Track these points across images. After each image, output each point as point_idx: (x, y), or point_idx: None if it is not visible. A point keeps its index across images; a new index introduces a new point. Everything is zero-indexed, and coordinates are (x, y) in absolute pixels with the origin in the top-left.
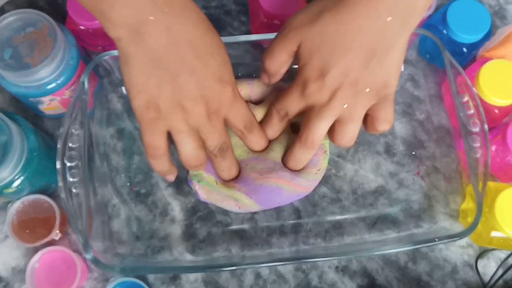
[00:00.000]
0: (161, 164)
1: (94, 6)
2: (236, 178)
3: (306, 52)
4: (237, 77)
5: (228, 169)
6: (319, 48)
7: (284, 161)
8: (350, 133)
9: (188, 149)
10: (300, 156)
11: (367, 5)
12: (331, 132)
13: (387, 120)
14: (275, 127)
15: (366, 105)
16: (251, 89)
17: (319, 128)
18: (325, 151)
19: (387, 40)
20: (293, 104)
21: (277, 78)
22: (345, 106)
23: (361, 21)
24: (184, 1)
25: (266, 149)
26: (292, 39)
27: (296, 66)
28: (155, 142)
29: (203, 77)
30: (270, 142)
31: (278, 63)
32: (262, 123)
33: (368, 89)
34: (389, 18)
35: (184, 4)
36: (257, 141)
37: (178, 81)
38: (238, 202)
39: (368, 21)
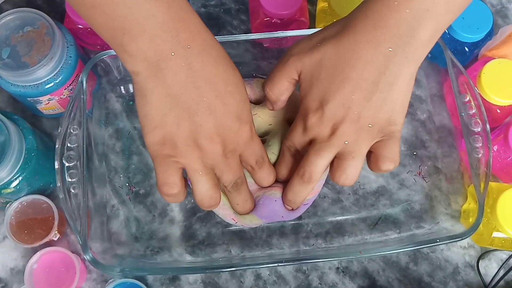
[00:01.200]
0: (177, 200)
1: (113, 38)
2: None
3: (307, 81)
4: None
5: (243, 203)
6: (318, 78)
7: (283, 196)
8: (350, 172)
9: (203, 189)
10: (298, 191)
11: (366, 34)
12: (331, 169)
13: (391, 159)
14: (289, 165)
15: (369, 142)
16: (251, 89)
17: (317, 165)
18: None
19: (390, 73)
20: (299, 139)
21: (279, 105)
22: (346, 143)
23: (360, 50)
24: (206, 38)
25: (267, 151)
26: (292, 67)
27: None
28: (170, 178)
29: (222, 117)
30: (271, 144)
31: (279, 91)
32: (277, 162)
33: (370, 125)
34: (390, 49)
35: (206, 41)
36: (265, 177)
37: (196, 120)
38: (236, 216)
39: (368, 51)
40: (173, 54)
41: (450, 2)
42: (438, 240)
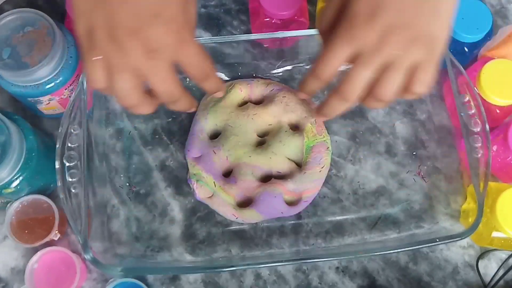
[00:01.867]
0: (126, 98)
1: None
2: (236, 183)
3: None
4: (237, 76)
5: (182, 108)
6: None
7: (316, 111)
8: (391, 85)
9: (119, 86)
10: (335, 106)
11: None
12: (371, 84)
13: (426, 83)
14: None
15: (414, 56)
16: (251, 89)
17: (361, 78)
18: (328, 148)
19: None
20: (338, 52)
21: (332, 74)
22: (393, 53)
23: None
24: None
25: (267, 151)
26: None
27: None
28: (93, 75)
29: (136, 8)
30: (271, 143)
31: (329, 18)
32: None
33: (418, 37)
34: None
35: None
36: (211, 89)
37: (111, 8)
38: (236, 212)
39: None
40: None
41: None
42: (437, 240)
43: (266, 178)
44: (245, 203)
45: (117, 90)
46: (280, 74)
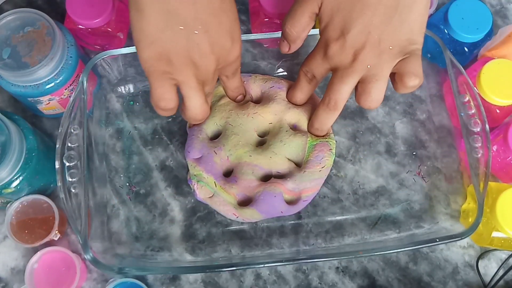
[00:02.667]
0: (171, 113)
1: None
2: (236, 183)
3: (327, 12)
4: None
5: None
6: (339, 8)
7: (308, 126)
8: (375, 94)
9: (197, 104)
10: (325, 118)
11: None
12: (356, 94)
13: (416, 74)
14: (305, 89)
15: (391, 64)
16: (247, 85)
17: (342, 92)
18: (331, 149)
19: None
20: (317, 66)
21: (298, 44)
22: (368, 67)
23: None
24: None
25: (267, 150)
26: (313, 0)
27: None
28: (167, 94)
29: (216, 35)
30: (272, 143)
31: (300, 26)
32: (292, 87)
33: (391, 47)
34: None
35: None
36: (236, 86)
37: (193, 38)
38: (237, 211)
39: None
40: None
41: None
42: (437, 240)
43: (267, 178)
44: (245, 203)
45: (193, 106)
46: (280, 74)
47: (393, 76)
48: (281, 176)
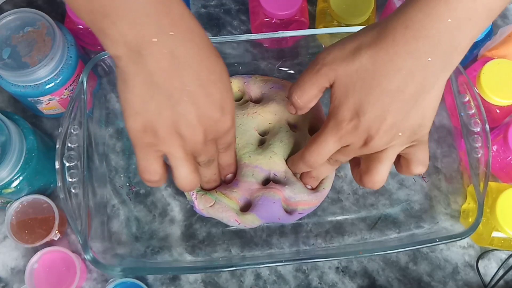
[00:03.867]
0: (158, 184)
1: (93, 22)
2: (238, 186)
3: (341, 91)
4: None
5: (210, 176)
6: (354, 89)
7: (302, 177)
8: (379, 175)
9: (184, 174)
10: (319, 171)
11: (406, 45)
12: (359, 172)
13: (423, 163)
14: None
15: (399, 149)
16: (248, 86)
17: (325, 170)
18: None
19: (427, 83)
20: (330, 150)
21: (305, 111)
22: (379, 149)
23: (400, 62)
24: (190, 24)
25: (267, 150)
26: (325, 76)
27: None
28: (151, 166)
29: (204, 107)
30: (271, 143)
31: (308, 98)
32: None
33: (401, 134)
34: (429, 59)
35: (189, 27)
36: (227, 160)
37: (178, 109)
38: (238, 217)
39: (408, 62)
40: (155, 40)
41: (492, 10)
42: (437, 240)
43: (267, 181)
44: (246, 207)
45: (181, 177)
46: (280, 74)
47: (398, 159)
48: (279, 180)
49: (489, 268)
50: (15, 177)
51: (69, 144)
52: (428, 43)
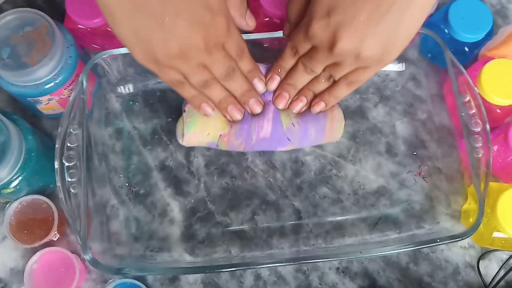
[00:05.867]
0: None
1: None
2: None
3: None
4: None
5: (241, 88)
6: None
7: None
8: (335, 94)
9: (189, 95)
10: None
11: None
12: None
13: (359, 83)
14: (287, 60)
15: (350, 68)
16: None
17: (302, 80)
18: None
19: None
20: (300, 42)
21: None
22: (341, 58)
23: None
24: None
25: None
26: None
27: None
28: (172, 79)
29: (191, 14)
30: None
31: (298, 5)
32: (277, 59)
33: (366, 56)
34: None
35: None
36: (247, 68)
37: (166, 26)
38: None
39: None
40: None
41: None
42: (438, 240)
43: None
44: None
45: (188, 97)
46: None
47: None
48: None
49: (490, 268)
50: (14, 177)
51: (68, 144)
52: None
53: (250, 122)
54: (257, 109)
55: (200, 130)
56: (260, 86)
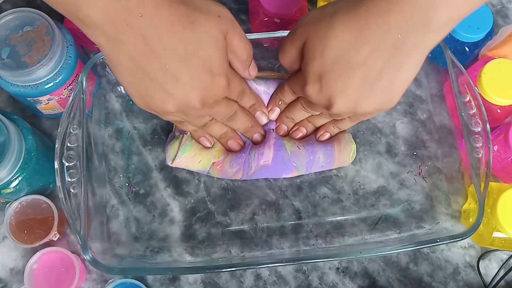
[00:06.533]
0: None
1: (69, 13)
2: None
3: (310, 51)
4: None
5: (243, 125)
6: (322, 52)
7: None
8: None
9: (190, 129)
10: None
11: (378, 16)
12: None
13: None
14: (287, 96)
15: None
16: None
17: (296, 117)
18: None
19: (395, 62)
20: (298, 90)
21: (295, 70)
22: (339, 117)
23: (370, 34)
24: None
25: None
26: (300, 36)
27: None
28: (171, 120)
29: (191, 79)
30: None
31: (290, 59)
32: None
33: (356, 114)
34: (400, 36)
35: (156, 4)
36: (249, 103)
37: (166, 89)
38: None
39: (377, 36)
40: (127, 25)
41: None
42: (438, 240)
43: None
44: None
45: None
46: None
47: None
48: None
49: (490, 268)
50: (14, 177)
51: (68, 144)
52: (400, 18)
53: (249, 150)
54: (260, 140)
55: (193, 156)
56: (263, 119)
